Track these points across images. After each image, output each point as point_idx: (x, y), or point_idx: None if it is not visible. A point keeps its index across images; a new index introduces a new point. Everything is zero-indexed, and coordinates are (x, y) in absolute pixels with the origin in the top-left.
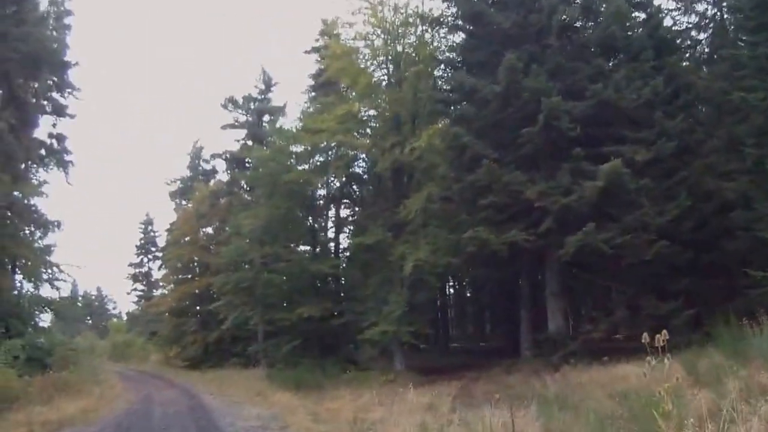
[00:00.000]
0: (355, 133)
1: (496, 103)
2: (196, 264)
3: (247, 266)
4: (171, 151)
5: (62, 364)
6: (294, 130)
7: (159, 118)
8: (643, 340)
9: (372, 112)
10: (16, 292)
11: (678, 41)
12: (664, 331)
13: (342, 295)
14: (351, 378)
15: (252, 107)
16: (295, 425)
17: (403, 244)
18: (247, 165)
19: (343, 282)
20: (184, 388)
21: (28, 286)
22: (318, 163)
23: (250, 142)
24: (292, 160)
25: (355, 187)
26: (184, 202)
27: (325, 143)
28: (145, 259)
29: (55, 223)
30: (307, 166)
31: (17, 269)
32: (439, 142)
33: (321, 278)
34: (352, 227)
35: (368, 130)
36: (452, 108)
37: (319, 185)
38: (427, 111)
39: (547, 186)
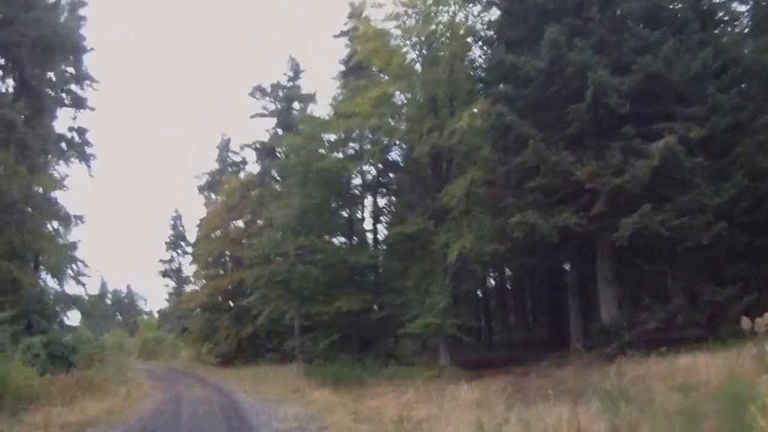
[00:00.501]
0: (390, 119)
1: (540, 80)
2: (227, 258)
3: (280, 259)
4: (200, 144)
5: (88, 362)
6: (326, 117)
7: (185, 111)
8: (744, 325)
9: (407, 96)
10: (40, 289)
11: (720, 14)
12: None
13: (381, 287)
14: (392, 374)
15: (281, 95)
16: (335, 425)
17: (445, 233)
18: (278, 155)
19: (382, 273)
20: (216, 386)
21: (51, 283)
22: (353, 151)
23: (280, 131)
24: (325, 148)
25: (391, 175)
26: (213, 196)
27: (358, 131)
28: (175, 255)
29: (77, 218)
30: (341, 155)
31: (41, 265)
32: (481, 123)
33: (359, 270)
34: (389, 217)
35: (403, 114)
36: (493, 87)
37: (355, 173)
38: (466, 91)
39: (597, 166)
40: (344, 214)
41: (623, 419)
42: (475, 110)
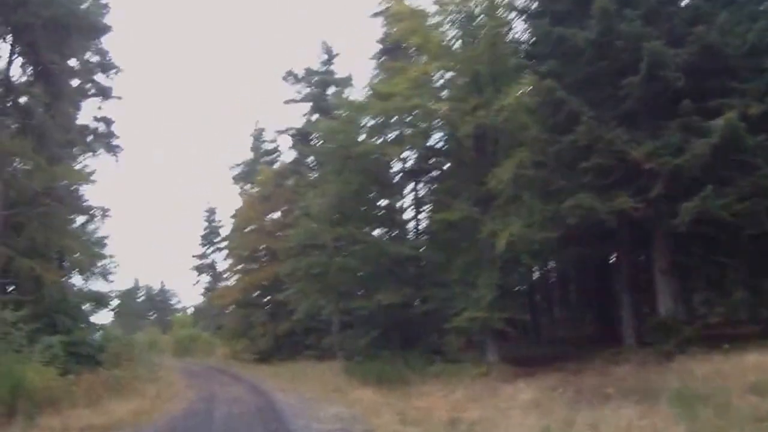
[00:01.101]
0: (429, 102)
1: (589, 53)
2: (262, 252)
3: (317, 252)
4: (234, 134)
5: (115, 361)
6: (363, 99)
7: (217, 100)
8: None
9: (448, 75)
10: (62, 287)
11: None
12: None
13: (424, 279)
14: (438, 371)
15: (315, 80)
16: (382, 428)
17: (492, 220)
18: (313, 141)
19: (424, 265)
20: (251, 384)
21: (77, 280)
22: (392, 136)
23: (315, 117)
24: (363, 132)
25: (433, 160)
26: (248, 187)
27: (397, 117)
28: (210, 250)
29: (103, 211)
30: (380, 140)
31: (65, 262)
32: (529, 99)
33: (400, 262)
34: (431, 205)
35: (444, 96)
36: (539, 62)
37: (396, 159)
38: (510, 68)
39: (655, 145)
40: (383, 202)
41: (703, 424)
42: (525, 83)
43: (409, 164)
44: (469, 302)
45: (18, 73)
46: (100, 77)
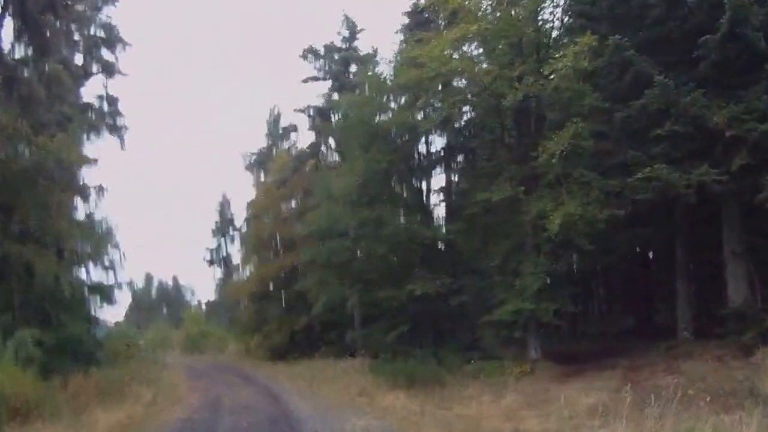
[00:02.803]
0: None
1: (659, 9)
2: (278, 241)
3: (339, 238)
4: (248, 122)
5: (114, 360)
6: (391, 73)
7: (230, 83)
8: None
9: (486, 47)
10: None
11: None
12: None
13: (459, 268)
14: (476, 370)
15: (336, 57)
16: None
17: (539, 200)
18: (334, 122)
19: (459, 252)
20: (264, 387)
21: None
22: (424, 110)
23: (336, 96)
24: (390, 108)
25: (468, 136)
26: (263, 176)
27: (430, 88)
28: (223, 242)
29: (98, 190)
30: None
31: (64, 250)
32: (587, 63)
33: (433, 248)
34: (467, 186)
35: (481, 64)
36: (598, 23)
37: (426, 136)
38: (562, 29)
39: (738, 110)
40: (414, 182)
41: None
42: (584, 42)
43: (441, 142)
44: (511, 292)
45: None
46: (105, 53)
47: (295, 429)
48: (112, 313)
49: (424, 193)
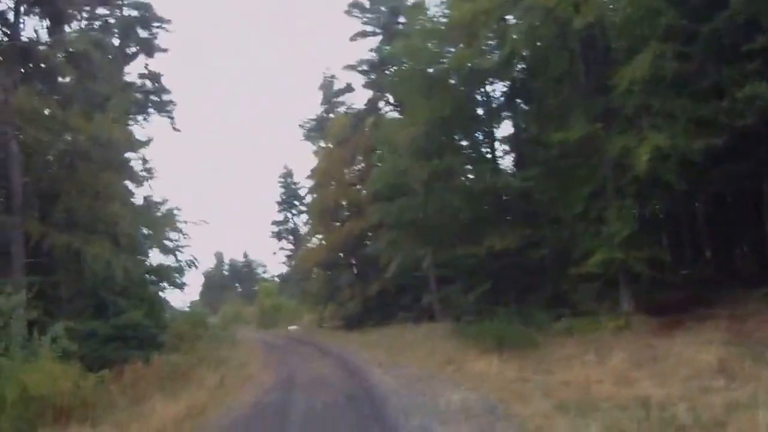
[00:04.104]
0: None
1: None
2: (344, 206)
3: (407, 196)
4: (302, 93)
5: (178, 343)
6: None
7: (279, 56)
8: None
9: None
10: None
11: None
12: None
13: (538, 218)
14: (567, 328)
15: (383, 9)
16: (539, 424)
17: (620, 136)
18: (388, 74)
19: (537, 201)
20: (341, 358)
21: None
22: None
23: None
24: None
25: (532, 75)
26: (322, 143)
27: (484, 29)
28: (289, 215)
29: (147, 173)
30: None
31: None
32: None
33: (508, 200)
34: (536, 130)
35: None
36: None
37: (488, 79)
38: None
39: None
40: (477, 135)
41: None
42: None
43: (502, 89)
44: (598, 241)
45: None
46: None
47: (379, 409)
48: (183, 296)
49: (493, 138)
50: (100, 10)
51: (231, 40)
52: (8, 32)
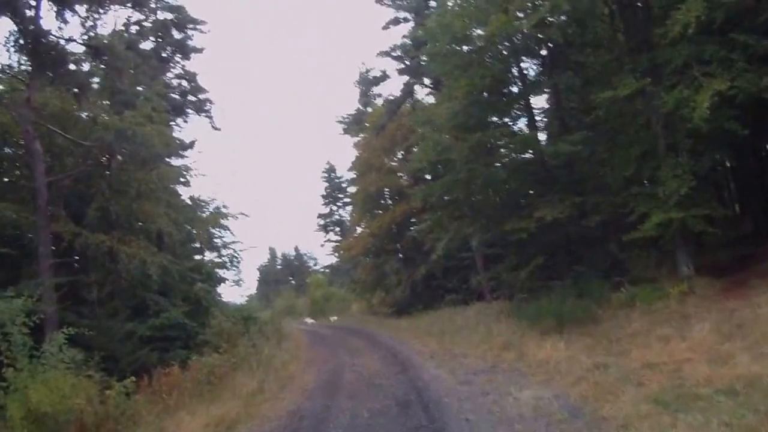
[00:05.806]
0: None
1: None
2: (386, 194)
3: (449, 174)
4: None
5: (219, 342)
6: None
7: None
8: None
9: None
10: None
11: None
12: None
13: (588, 184)
14: (628, 298)
15: None
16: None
17: (671, 90)
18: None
19: (585, 166)
20: (390, 350)
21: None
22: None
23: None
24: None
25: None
26: (362, 135)
27: None
28: (334, 207)
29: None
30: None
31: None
32: None
33: (556, 167)
34: (579, 92)
35: None
36: None
37: (527, 49)
38: None
39: None
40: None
41: None
42: None
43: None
44: (653, 203)
45: None
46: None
47: (435, 418)
48: (240, 292)
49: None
50: (136, 16)
51: (268, 45)
52: (25, 23)
